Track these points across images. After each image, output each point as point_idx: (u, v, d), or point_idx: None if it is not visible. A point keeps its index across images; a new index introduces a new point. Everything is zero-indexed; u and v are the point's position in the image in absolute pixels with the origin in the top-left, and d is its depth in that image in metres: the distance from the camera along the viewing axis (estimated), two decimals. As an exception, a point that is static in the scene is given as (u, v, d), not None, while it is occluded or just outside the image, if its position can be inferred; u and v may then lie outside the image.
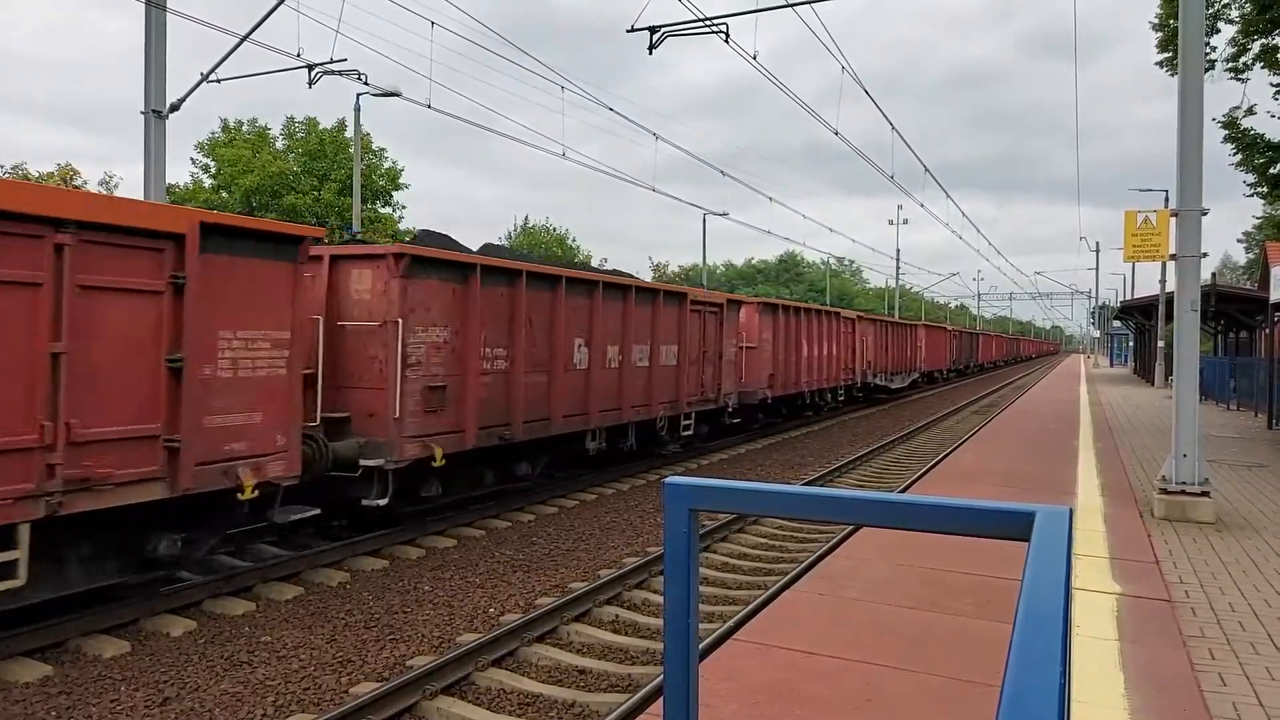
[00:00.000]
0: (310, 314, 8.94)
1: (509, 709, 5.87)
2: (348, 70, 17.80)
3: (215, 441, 7.39)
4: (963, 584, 6.32)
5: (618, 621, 7.63)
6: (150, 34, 12.93)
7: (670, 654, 1.59)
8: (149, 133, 13.11)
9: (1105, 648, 5.06)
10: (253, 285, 7.73)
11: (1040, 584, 1.02)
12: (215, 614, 7.52)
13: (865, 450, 18.48)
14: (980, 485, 10.70)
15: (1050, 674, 0.82)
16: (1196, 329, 9.26)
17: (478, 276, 10.57)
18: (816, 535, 10.94)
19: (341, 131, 39.37)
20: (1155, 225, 10.12)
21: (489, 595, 8.17)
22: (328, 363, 9.19)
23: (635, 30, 14.52)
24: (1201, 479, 8.90)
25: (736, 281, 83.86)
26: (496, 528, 10.88)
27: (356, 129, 25.67)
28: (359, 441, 9.32)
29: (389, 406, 9.38)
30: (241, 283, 7.62)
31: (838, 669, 4.70)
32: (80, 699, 5.79)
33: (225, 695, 5.86)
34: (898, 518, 1.46)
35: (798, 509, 1.58)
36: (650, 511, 12.00)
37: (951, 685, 4.50)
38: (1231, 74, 19.38)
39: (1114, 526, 8.39)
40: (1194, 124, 8.96)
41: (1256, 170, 20.84)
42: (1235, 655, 5.06)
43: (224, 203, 37.05)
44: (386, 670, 6.36)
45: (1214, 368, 28.15)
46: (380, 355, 9.48)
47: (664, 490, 1.59)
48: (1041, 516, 1.23)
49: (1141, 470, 12.12)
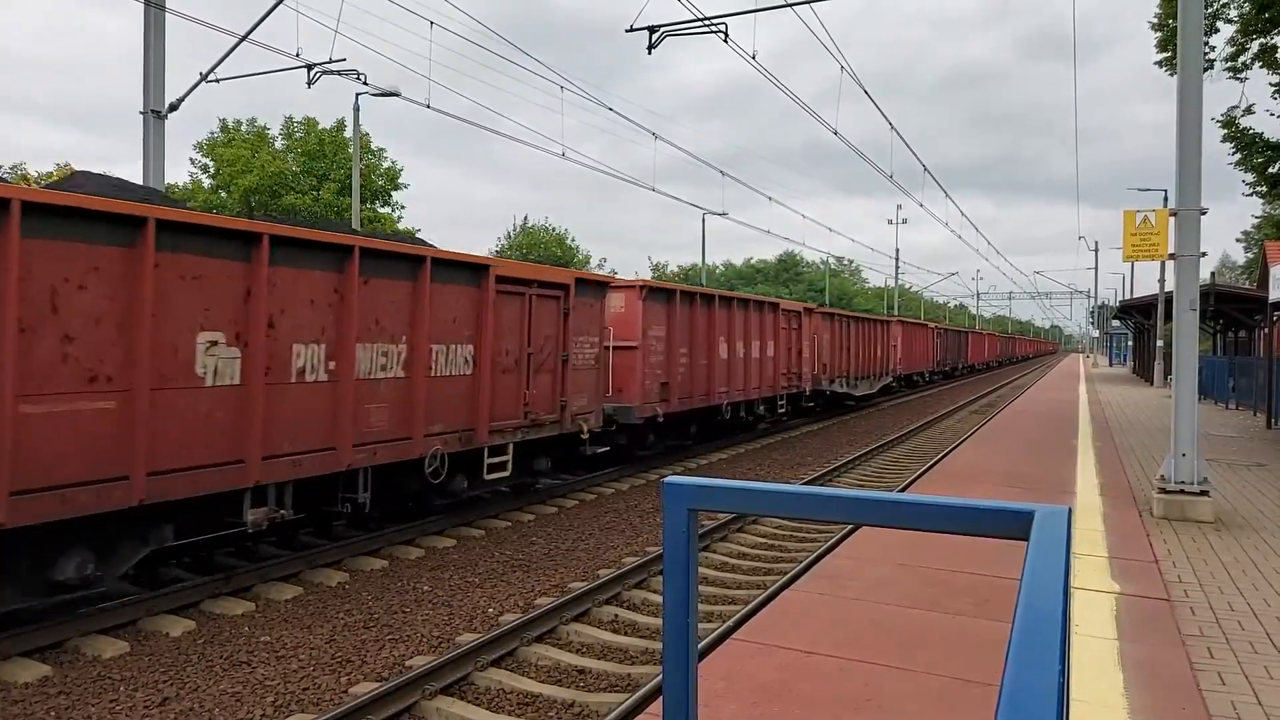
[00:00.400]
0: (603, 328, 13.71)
1: (508, 709, 5.87)
2: (347, 70, 17.81)
3: (573, 403, 12.67)
4: (963, 583, 6.32)
5: (617, 621, 7.63)
6: (149, 34, 12.93)
7: (669, 654, 1.59)
8: (148, 133, 13.12)
9: (1104, 647, 5.06)
10: (589, 312, 13.05)
11: (1039, 583, 1.02)
12: (214, 614, 7.52)
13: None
14: (979, 484, 10.70)
15: (1049, 673, 0.82)
16: (1195, 328, 9.26)
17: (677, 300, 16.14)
18: (816, 535, 10.94)
19: (340, 131, 39.38)
20: (1154, 224, 10.13)
21: (488, 595, 8.17)
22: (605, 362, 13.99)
23: (634, 30, 14.53)
24: (1200, 478, 8.90)
25: (736, 281, 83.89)
26: (496, 528, 10.88)
27: (356, 129, 25.66)
28: (614, 407, 14.13)
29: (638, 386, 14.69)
30: (585, 311, 12.92)
31: (837, 669, 4.70)
32: (79, 699, 5.78)
33: (224, 695, 5.86)
34: (897, 517, 1.46)
35: (796, 508, 1.58)
36: (650, 511, 12.00)
37: (951, 685, 4.50)
38: (1230, 73, 19.41)
39: (1113, 526, 8.40)
40: (1193, 123, 8.96)
41: (1255, 169, 20.86)
42: (1234, 654, 5.06)
43: (222, 203, 37.07)
44: (386, 670, 6.36)
45: (1213, 367, 28.16)
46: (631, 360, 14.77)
47: (663, 490, 1.59)
48: (1040, 516, 1.23)
49: (1140, 470, 12.12)
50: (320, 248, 8.48)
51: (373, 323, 9.05)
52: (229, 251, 7.58)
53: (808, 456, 17.92)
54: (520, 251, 55.01)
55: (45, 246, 6.23)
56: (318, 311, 8.44)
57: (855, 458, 17.27)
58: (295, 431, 8.20)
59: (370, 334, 9.02)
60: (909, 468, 16.40)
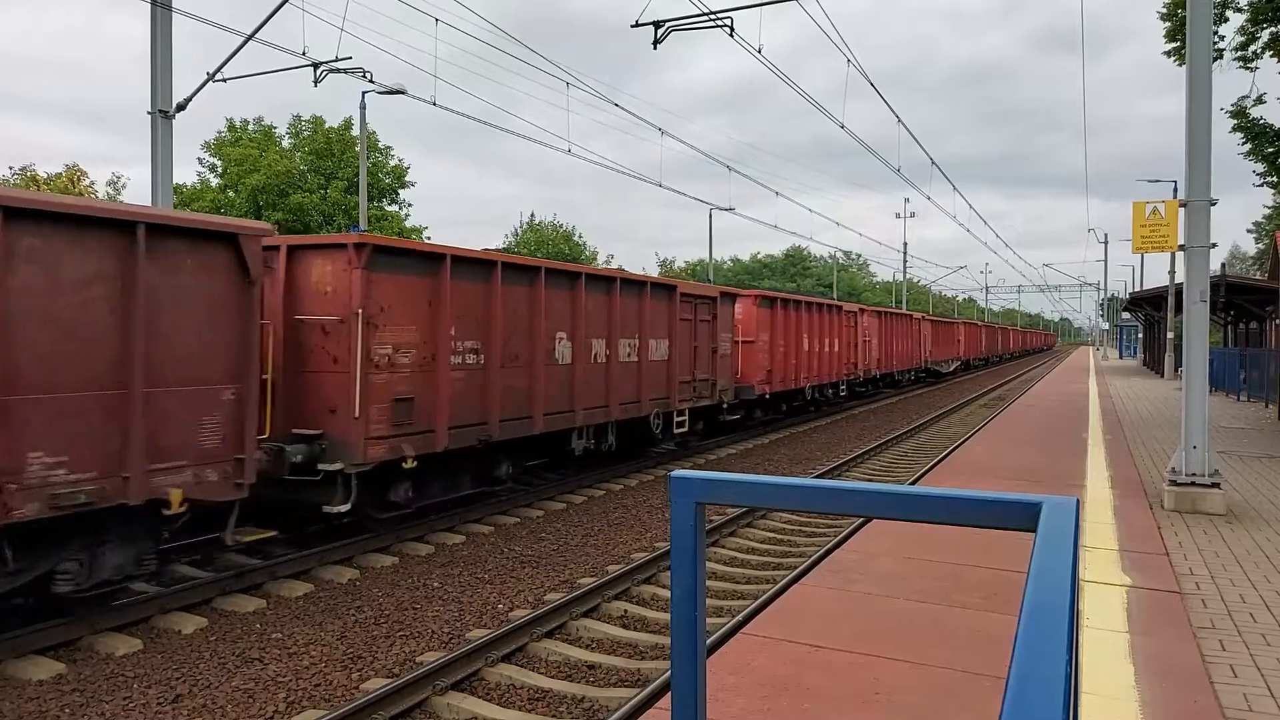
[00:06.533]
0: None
1: (519, 704, 5.89)
2: (353, 68, 17.83)
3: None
4: (972, 577, 6.31)
5: (626, 617, 7.64)
6: (156, 34, 12.96)
7: (677, 648, 1.59)
8: (156, 133, 13.15)
9: (1115, 639, 5.05)
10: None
11: (1046, 574, 1.02)
12: (226, 611, 7.56)
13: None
14: (989, 478, 10.67)
15: (1055, 664, 0.82)
16: (1206, 320, 9.20)
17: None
18: (825, 529, 10.93)
19: (348, 130, 39.44)
20: (1164, 216, 10.06)
21: (498, 591, 8.19)
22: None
23: (640, 25, 14.49)
24: (1211, 470, 8.86)
25: (744, 276, 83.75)
26: (505, 524, 10.90)
27: (363, 127, 25.68)
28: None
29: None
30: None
31: (846, 663, 4.70)
32: (93, 696, 5.83)
33: (237, 692, 5.89)
34: (905, 509, 1.46)
35: (803, 501, 1.58)
36: (658, 507, 12.00)
37: (960, 678, 4.49)
38: (1240, 63, 19.23)
39: (1124, 519, 8.37)
40: (1202, 113, 8.90)
41: (1266, 160, 20.68)
42: (1246, 647, 5.04)
43: (230, 202, 37.16)
44: (397, 666, 6.38)
45: (1224, 359, 27.98)
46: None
47: (670, 484, 1.59)
48: (1048, 507, 1.23)
49: (1151, 462, 12.07)
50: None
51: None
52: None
53: (861, 432, 17.92)
54: (528, 248, 55.02)
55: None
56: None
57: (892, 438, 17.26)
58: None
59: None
60: (928, 449, 16.38)
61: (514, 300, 11.33)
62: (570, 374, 12.54)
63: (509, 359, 11.21)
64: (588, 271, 13.56)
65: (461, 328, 10.37)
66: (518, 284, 11.47)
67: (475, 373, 10.62)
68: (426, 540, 9.94)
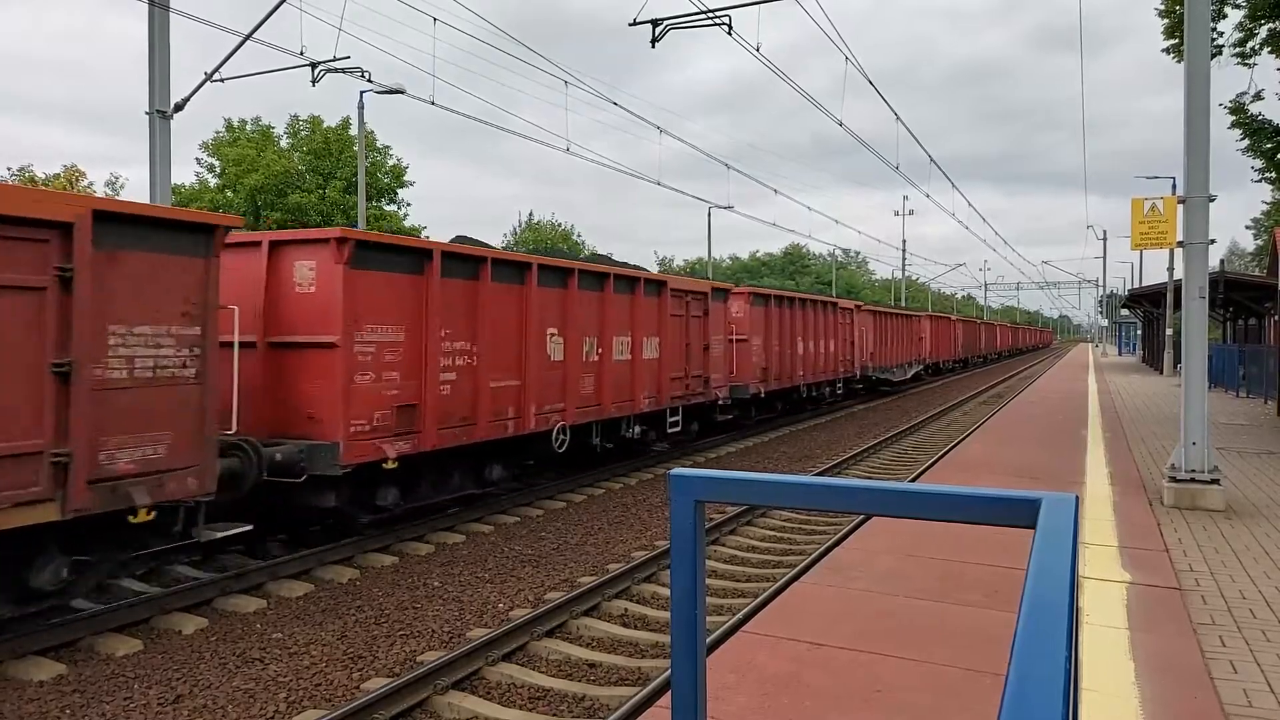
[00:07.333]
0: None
1: (519, 703, 5.89)
2: (351, 68, 17.83)
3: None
4: (972, 575, 6.31)
5: (627, 615, 7.64)
6: (154, 34, 12.95)
7: (677, 647, 1.59)
8: (154, 133, 13.13)
9: (1115, 636, 5.05)
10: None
11: (1045, 571, 1.02)
12: (226, 611, 7.56)
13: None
14: (988, 475, 10.68)
15: (1054, 661, 0.82)
16: (1204, 316, 9.20)
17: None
18: (825, 527, 10.93)
19: (346, 129, 39.40)
20: (1163, 212, 10.06)
21: (498, 590, 8.20)
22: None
23: (638, 23, 14.49)
24: (1211, 467, 8.86)
25: (742, 274, 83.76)
26: (505, 523, 10.90)
27: (360, 126, 25.67)
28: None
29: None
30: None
31: (847, 660, 4.71)
32: (93, 697, 5.83)
33: (237, 692, 5.89)
34: (904, 507, 1.46)
35: (802, 499, 1.58)
36: (658, 505, 12.01)
37: (960, 676, 4.50)
38: (1239, 59, 19.20)
39: (1123, 515, 8.37)
40: (1201, 110, 8.90)
41: (1264, 156, 20.67)
42: (1246, 643, 5.04)
43: (229, 202, 37.14)
44: (397, 666, 6.38)
45: (1223, 355, 27.99)
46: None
47: (670, 482, 1.59)
48: (1047, 504, 1.23)
49: (1151, 459, 12.08)
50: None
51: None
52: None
53: (860, 429, 17.92)
54: (526, 247, 54.99)
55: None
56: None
57: (889, 436, 17.27)
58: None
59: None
60: (928, 449, 16.39)
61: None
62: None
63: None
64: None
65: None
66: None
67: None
68: (426, 540, 9.94)
